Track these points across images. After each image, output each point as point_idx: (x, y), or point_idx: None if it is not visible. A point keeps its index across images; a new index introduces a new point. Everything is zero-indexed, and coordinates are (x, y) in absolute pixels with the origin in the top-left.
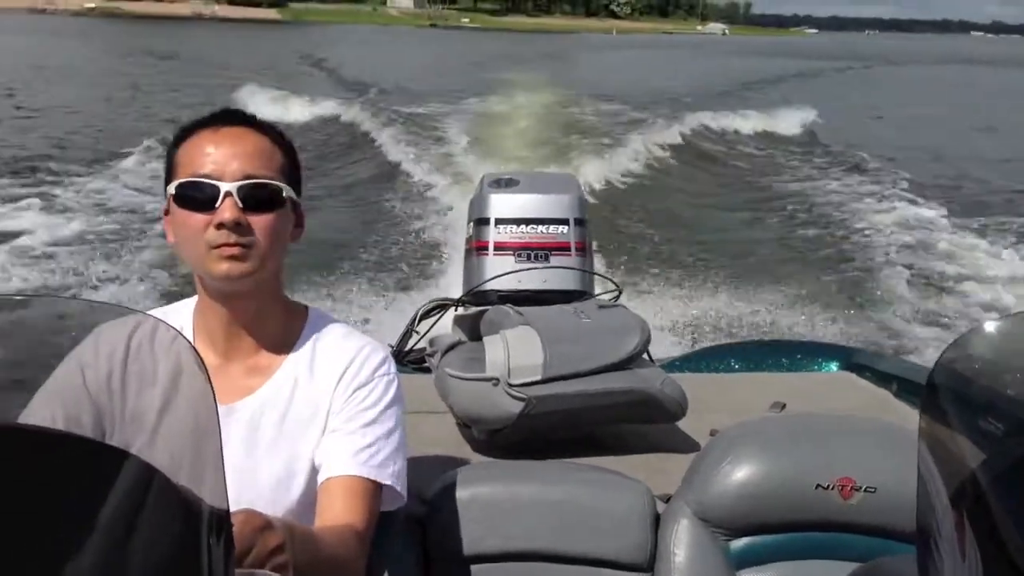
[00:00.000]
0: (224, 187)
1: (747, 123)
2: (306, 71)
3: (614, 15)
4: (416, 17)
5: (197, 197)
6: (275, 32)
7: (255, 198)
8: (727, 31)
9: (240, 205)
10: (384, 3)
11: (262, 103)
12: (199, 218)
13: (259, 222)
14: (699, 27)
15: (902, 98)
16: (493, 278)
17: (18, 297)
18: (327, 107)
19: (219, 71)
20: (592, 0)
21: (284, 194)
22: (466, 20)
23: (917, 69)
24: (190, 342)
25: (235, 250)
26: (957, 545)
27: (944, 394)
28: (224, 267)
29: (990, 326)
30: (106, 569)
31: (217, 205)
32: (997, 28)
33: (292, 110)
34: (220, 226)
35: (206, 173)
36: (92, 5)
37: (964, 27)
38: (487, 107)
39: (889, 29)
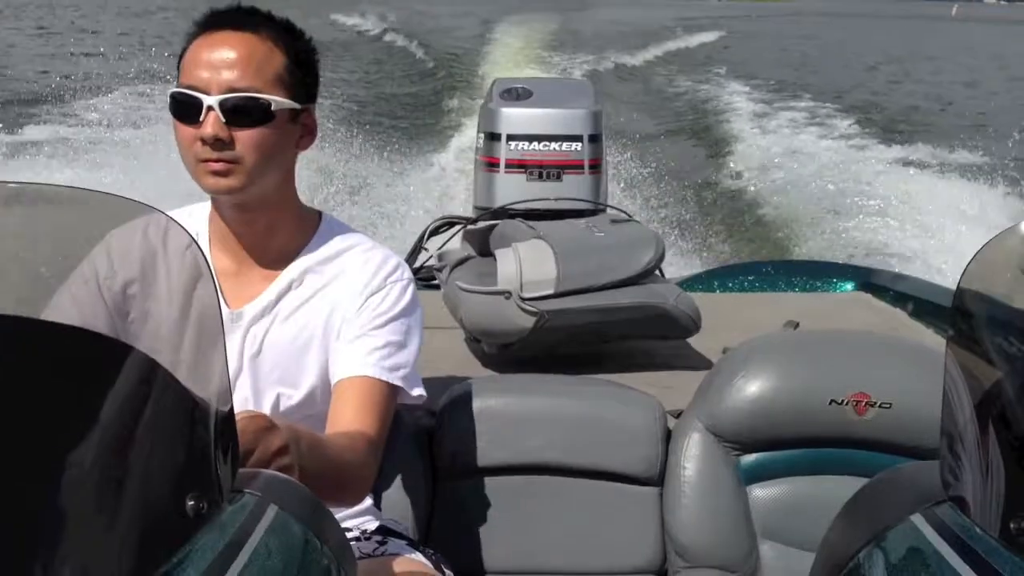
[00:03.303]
0: (207, 100)
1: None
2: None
3: None
4: None
5: (185, 109)
6: None
7: (240, 112)
8: None
9: (223, 120)
10: None
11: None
12: (188, 130)
13: (244, 137)
14: None
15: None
16: (509, 204)
17: (37, 185)
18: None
19: None
20: None
21: (273, 107)
22: None
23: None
24: (200, 248)
25: (219, 166)
26: (979, 454)
27: (970, 305)
28: (210, 181)
29: (1020, 229)
30: (111, 460)
31: (201, 119)
32: None
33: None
34: (204, 141)
35: (192, 84)
36: None
37: None
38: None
39: None
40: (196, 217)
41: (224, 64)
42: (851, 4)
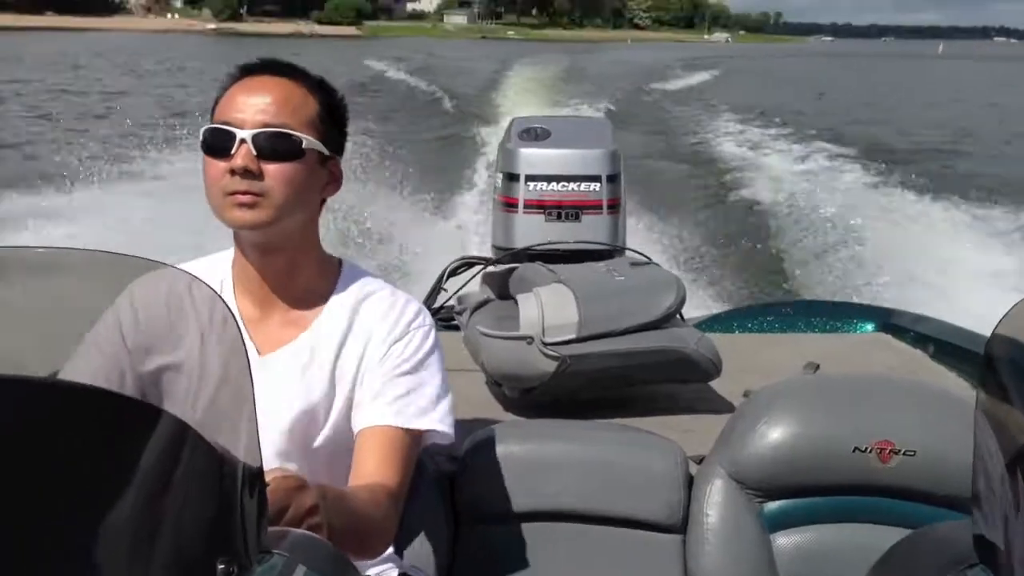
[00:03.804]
0: (240, 134)
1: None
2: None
3: (637, 27)
4: (469, 31)
5: (217, 143)
6: (357, 43)
7: (271, 147)
8: (729, 39)
9: (254, 152)
10: (442, 20)
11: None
12: (218, 165)
13: (273, 171)
14: (706, 36)
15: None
16: (529, 248)
17: (55, 249)
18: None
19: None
20: (620, 15)
21: (304, 145)
22: (511, 32)
23: (879, 61)
24: (224, 301)
25: (247, 198)
26: (1012, 516)
27: (1001, 363)
28: (236, 214)
29: None
30: (140, 525)
31: (233, 152)
32: None
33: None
34: (234, 172)
35: (227, 120)
36: (213, 27)
37: (1005, 32)
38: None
39: (926, 37)
40: (218, 265)
41: (260, 104)
42: (851, 44)
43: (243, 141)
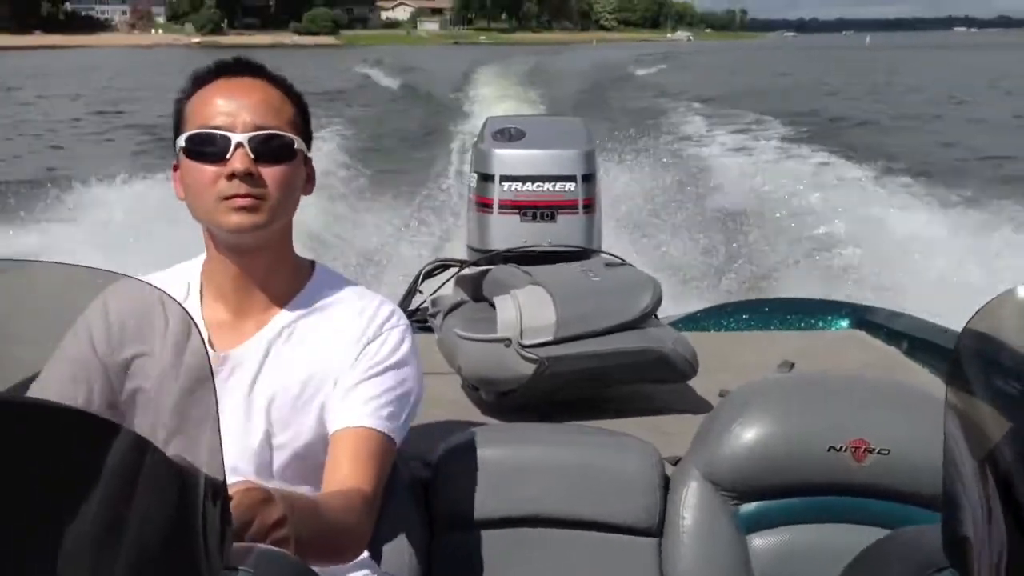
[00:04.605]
0: (236, 138)
1: None
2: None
3: (604, 28)
4: (442, 37)
5: (208, 148)
6: (335, 53)
7: (267, 149)
8: (691, 37)
9: (251, 156)
10: (415, 27)
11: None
12: (210, 170)
13: (271, 174)
14: (668, 35)
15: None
16: (506, 251)
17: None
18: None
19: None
20: (587, 17)
21: (296, 146)
22: (483, 38)
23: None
24: (190, 315)
25: (246, 201)
26: (982, 519)
27: (970, 362)
28: (235, 219)
29: (1018, 292)
30: (98, 542)
31: (228, 156)
32: (1003, 23)
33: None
34: (231, 177)
35: (217, 124)
36: (197, 40)
37: (970, 23)
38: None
39: (891, 29)
40: (187, 273)
41: (245, 105)
42: (812, 39)
43: (240, 145)
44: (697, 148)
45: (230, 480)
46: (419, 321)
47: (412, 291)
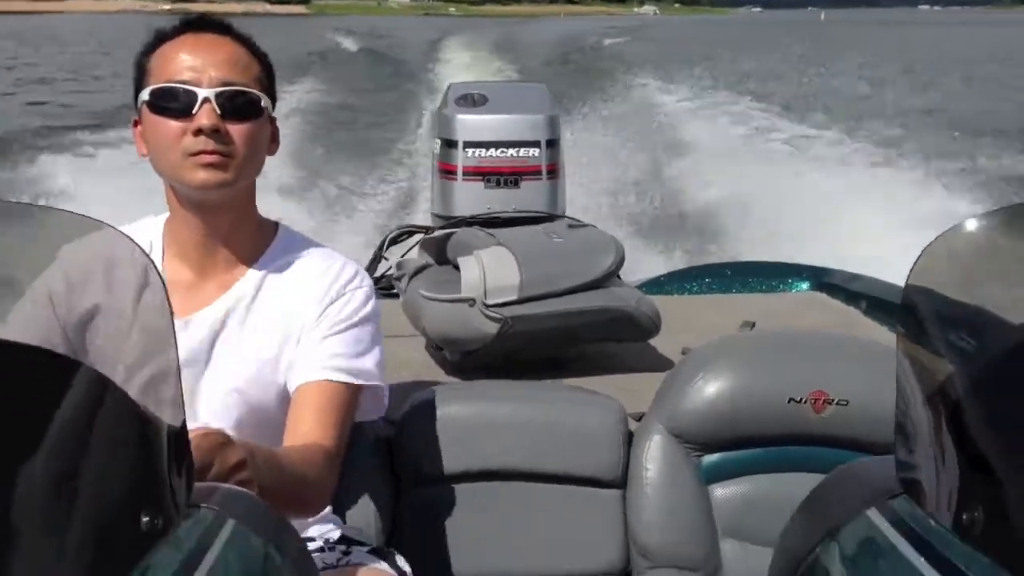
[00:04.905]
0: (202, 93)
1: None
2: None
3: (572, 2)
4: (412, 8)
5: (173, 104)
6: (306, 21)
7: (234, 106)
8: (657, 11)
9: (218, 112)
10: None
11: None
12: (175, 125)
13: (237, 130)
14: (635, 9)
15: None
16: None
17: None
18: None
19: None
20: None
21: (262, 103)
22: (452, 9)
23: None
24: (152, 261)
25: (213, 158)
26: (933, 448)
27: (919, 301)
28: (201, 175)
29: (966, 226)
30: (60, 478)
31: (194, 111)
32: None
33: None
34: (198, 132)
35: (183, 79)
36: (168, 7)
37: (935, 1)
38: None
39: (857, 6)
40: (149, 230)
41: (212, 61)
42: (778, 15)
43: (207, 100)
44: (662, 116)
45: (190, 427)
46: (384, 288)
47: (377, 258)
